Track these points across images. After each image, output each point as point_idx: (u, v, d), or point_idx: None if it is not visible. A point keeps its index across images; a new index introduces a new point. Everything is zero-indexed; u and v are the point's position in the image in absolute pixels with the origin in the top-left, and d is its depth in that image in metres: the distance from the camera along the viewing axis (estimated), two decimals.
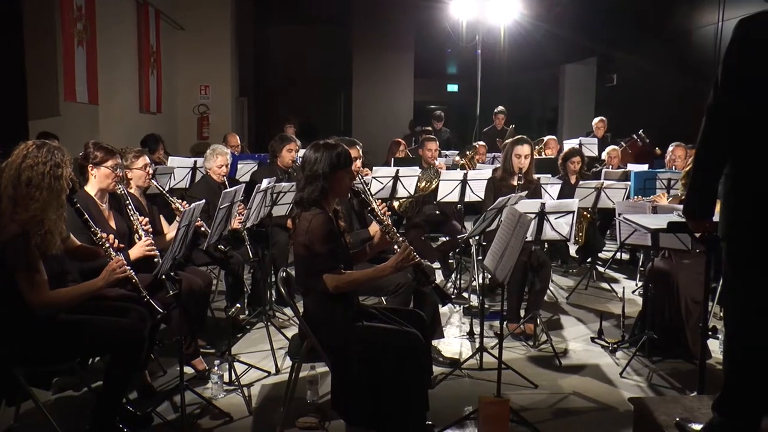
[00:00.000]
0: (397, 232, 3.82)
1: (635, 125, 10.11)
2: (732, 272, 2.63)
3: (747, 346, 2.57)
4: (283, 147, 6.27)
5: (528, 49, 13.90)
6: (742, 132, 2.47)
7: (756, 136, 2.46)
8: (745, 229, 2.51)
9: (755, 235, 2.49)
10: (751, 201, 2.48)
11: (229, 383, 4.25)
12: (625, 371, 4.64)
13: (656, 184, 7.05)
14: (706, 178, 2.61)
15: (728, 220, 2.58)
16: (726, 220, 2.59)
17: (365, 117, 15.54)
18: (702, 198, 2.65)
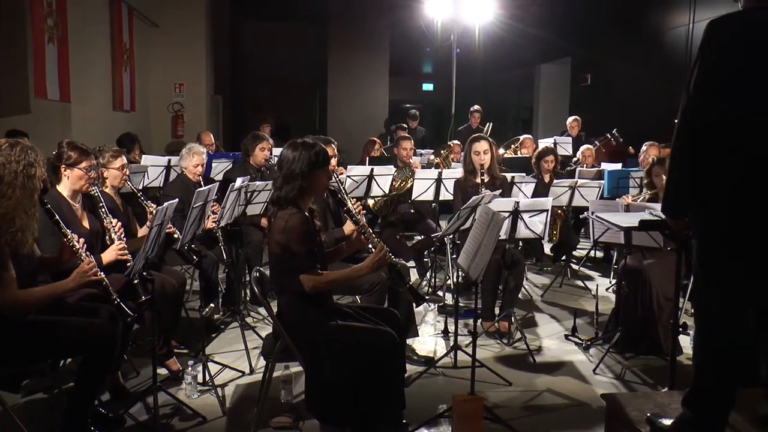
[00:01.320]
0: (372, 231, 3.82)
1: (609, 124, 10.20)
2: (703, 269, 2.66)
3: (715, 342, 2.60)
4: (255, 146, 6.24)
5: (503, 49, 13.97)
6: (720, 133, 2.50)
7: (735, 137, 2.49)
8: (723, 228, 2.54)
9: (730, 234, 2.53)
10: (729, 200, 2.50)
11: (203, 383, 4.22)
12: (598, 368, 4.69)
13: (629, 182, 7.14)
14: (684, 177, 2.63)
15: (704, 218, 2.61)
16: (701, 219, 2.62)
17: (341, 116, 15.51)
18: (681, 197, 2.68)
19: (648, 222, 3.58)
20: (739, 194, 2.49)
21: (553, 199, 5.76)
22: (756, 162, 2.45)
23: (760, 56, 2.44)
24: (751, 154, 2.46)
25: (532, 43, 13.87)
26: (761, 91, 2.45)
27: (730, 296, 2.58)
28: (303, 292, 3.32)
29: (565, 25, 13.26)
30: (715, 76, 2.48)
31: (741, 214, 2.50)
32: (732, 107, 2.47)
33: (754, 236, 2.50)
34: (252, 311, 5.71)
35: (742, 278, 2.61)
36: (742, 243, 2.53)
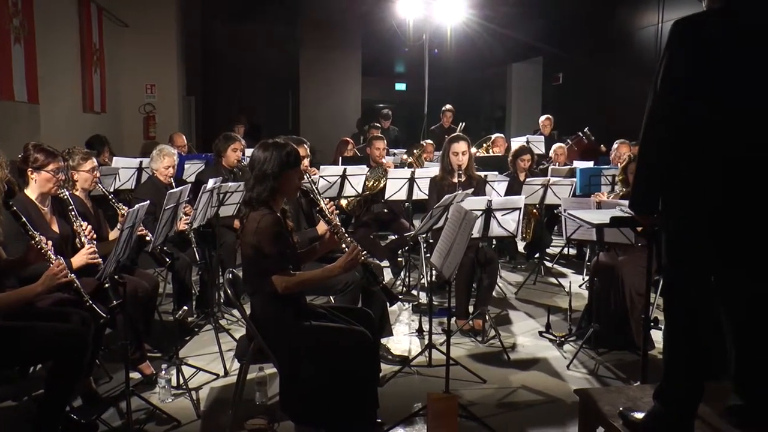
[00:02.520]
0: (346, 231, 3.82)
1: (581, 123, 10.29)
2: (671, 264, 2.70)
3: (684, 336, 2.64)
4: (227, 146, 6.20)
5: (475, 49, 14.02)
6: (686, 131, 2.54)
7: (699, 135, 2.53)
8: (689, 222, 2.58)
9: (696, 229, 2.58)
10: (692, 196, 2.54)
11: (177, 387, 4.19)
12: (572, 364, 4.74)
13: (601, 180, 7.21)
14: (651, 175, 2.67)
15: (671, 213, 2.65)
16: (672, 215, 2.66)
17: (313, 116, 15.47)
18: (649, 193, 2.72)
19: (619, 219, 3.63)
20: (702, 190, 2.53)
21: (526, 198, 5.80)
22: (720, 158, 2.50)
23: (724, 55, 2.48)
24: (716, 151, 2.50)
25: (504, 43, 13.95)
26: (724, 89, 2.49)
27: (698, 290, 2.63)
28: (276, 293, 3.31)
29: (537, 24, 13.36)
30: (680, 75, 2.52)
31: (704, 210, 2.54)
32: (696, 106, 2.51)
33: (721, 230, 2.55)
34: (226, 313, 5.67)
35: (710, 272, 2.66)
36: (708, 236, 2.58)
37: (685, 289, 2.65)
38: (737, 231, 2.59)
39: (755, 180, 2.51)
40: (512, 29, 13.24)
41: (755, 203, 2.55)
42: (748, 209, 2.56)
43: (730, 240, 2.60)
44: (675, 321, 2.71)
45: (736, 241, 2.61)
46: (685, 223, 2.60)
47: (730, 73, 2.48)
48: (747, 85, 2.48)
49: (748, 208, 2.56)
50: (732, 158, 2.50)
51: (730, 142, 2.50)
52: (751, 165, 2.50)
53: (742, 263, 2.66)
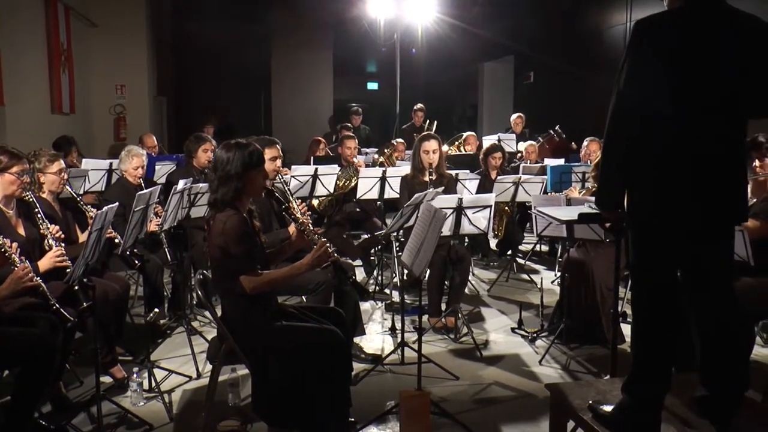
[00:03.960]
0: (318, 230, 3.81)
1: (552, 121, 10.38)
2: (637, 258, 2.75)
3: (650, 328, 2.69)
4: (198, 147, 6.16)
5: (447, 48, 14.08)
6: (646, 129, 2.58)
7: (671, 131, 2.57)
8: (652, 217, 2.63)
9: (659, 223, 2.62)
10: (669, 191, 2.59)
11: (149, 390, 4.16)
12: (543, 359, 4.78)
13: (572, 177, 7.28)
14: (617, 172, 2.71)
15: (635, 209, 2.69)
16: (631, 210, 2.71)
17: (286, 115, 15.41)
18: (613, 190, 2.76)
19: (586, 215, 3.67)
20: (669, 186, 2.57)
21: (497, 195, 5.83)
22: (688, 156, 2.55)
23: (684, 53, 2.54)
24: (682, 147, 2.55)
25: (475, 42, 14.02)
26: (685, 88, 2.54)
27: (664, 284, 2.68)
28: (246, 294, 3.30)
29: (507, 24, 13.44)
30: (642, 72, 2.56)
31: (672, 206, 2.59)
32: (660, 103, 2.55)
33: (687, 225, 2.61)
34: (198, 315, 5.64)
35: (676, 267, 2.71)
36: (675, 232, 2.63)
37: (651, 283, 2.71)
38: (703, 226, 2.65)
39: (717, 175, 2.57)
40: (483, 28, 13.31)
41: (719, 198, 2.61)
42: (713, 205, 2.62)
43: (695, 235, 2.66)
44: (642, 315, 2.76)
45: (700, 237, 2.67)
46: (652, 219, 2.65)
47: (690, 70, 2.53)
48: (706, 82, 2.53)
49: (712, 204, 2.62)
50: (698, 155, 2.55)
51: (694, 138, 2.55)
52: (716, 162, 2.56)
53: (707, 258, 2.72)
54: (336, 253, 3.53)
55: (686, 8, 2.59)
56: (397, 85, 11.63)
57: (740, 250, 3.92)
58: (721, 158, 2.58)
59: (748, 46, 2.55)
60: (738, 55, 2.54)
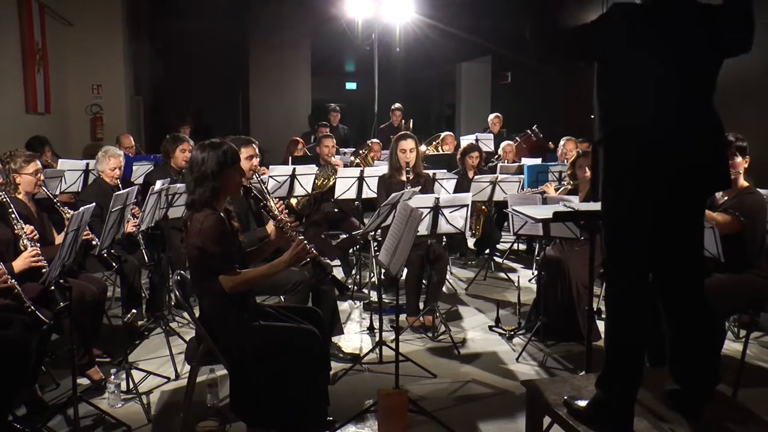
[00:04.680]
0: (295, 224, 3.83)
1: (529, 121, 10.45)
2: (609, 255, 2.79)
3: (622, 325, 2.74)
4: (176, 147, 6.14)
5: (424, 48, 14.11)
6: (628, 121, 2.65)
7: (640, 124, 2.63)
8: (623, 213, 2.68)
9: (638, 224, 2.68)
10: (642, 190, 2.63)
11: (127, 392, 4.14)
12: (521, 356, 4.83)
13: (548, 176, 7.35)
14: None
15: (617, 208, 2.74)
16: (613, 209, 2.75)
17: (263, 115, 15.35)
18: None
19: (561, 213, 3.72)
20: (642, 185, 2.62)
21: (474, 195, 5.87)
22: (641, 147, 2.60)
23: (658, 44, 2.59)
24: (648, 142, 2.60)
25: (453, 42, 14.06)
26: (658, 76, 2.59)
27: (636, 281, 2.73)
28: (224, 294, 3.31)
29: (485, 24, 13.50)
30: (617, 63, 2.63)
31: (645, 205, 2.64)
32: (632, 96, 2.61)
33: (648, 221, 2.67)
34: (177, 316, 5.62)
35: (648, 264, 2.76)
36: (646, 231, 2.68)
37: (624, 281, 2.75)
38: (674, 226, 2.71)
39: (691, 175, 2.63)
40: (460, 29, 13.35)
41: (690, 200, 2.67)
42: (685, 206, 2.68)
43: (666, 235, 2.72)
44: (615, 312, 2.80)
45: (671, 237, 2.73)
46: (625, 218, 2.70)
47: (664, 60, 2.59)
48: (680, 71, 2.59)
49: (684, 205, 2.68)
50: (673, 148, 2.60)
51: (669, 130, 2.60)
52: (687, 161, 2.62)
53: (678, 255, 2.78)
54: (311, 246, 3.55)
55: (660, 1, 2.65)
56: (375, 85, 11.65)
57: (711, 247, 4.00)
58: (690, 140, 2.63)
59: (713, 31, 2.62)
60: (710, 43, 2.61)
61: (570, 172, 5.76)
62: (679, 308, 2.80)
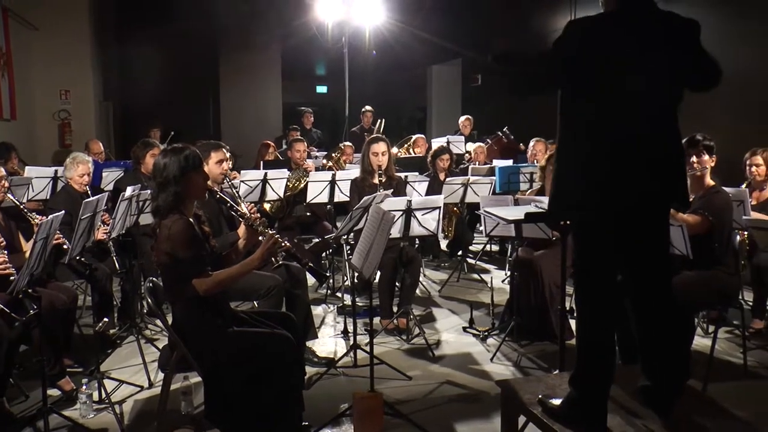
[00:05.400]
0: (264, 220, 3.82)
1: (500, 123, 10.53)
2: (580, 257, 2.83)
3: (593, 323, 2.78)
4: (146, 152, 6.09)
5: (395, 51, 14.15)
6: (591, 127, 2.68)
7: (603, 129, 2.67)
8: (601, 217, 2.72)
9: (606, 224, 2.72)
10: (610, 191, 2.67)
11: (99, 402, 4.08)
12: (495, 357, 4.86)
13: (520, 178, 7.42)
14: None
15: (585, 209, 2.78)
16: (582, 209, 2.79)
17: (235, 120, 15.27)
18: None
19: (533, 214, 3.76)
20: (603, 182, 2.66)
21: (446, 197, 5.89)
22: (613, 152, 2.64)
23: (619, 53, 2.63)
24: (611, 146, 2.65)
25: (423, 45, 14.11)
26: (620, 87, 2.63)
27: (605, 280, 2.77)
28: (197, 300, 3.28)
29: (455, 27, 13.57)
30: (576, 73, 2.65)
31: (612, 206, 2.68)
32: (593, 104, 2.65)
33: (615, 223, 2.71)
34: (149, 323, 5.56)
35: (615, 263, 2.81)
36: (613, 231, 2.72)
37: (593, 280, 2.79)
38: (641, 229, 2.76)
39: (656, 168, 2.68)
40: (431, 32, 13.40)
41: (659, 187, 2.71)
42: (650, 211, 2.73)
43: (633, 236, 2.76)
44: (585, 311, 2.84)
45: (638, 238, 2.78)
46: (593, 218, 2.74)
47: (624, 69, 2.63)
48: (640, 79, 2.63)
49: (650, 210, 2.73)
50: (635, 152, 2.64)
51: (631, 135, 2.64)
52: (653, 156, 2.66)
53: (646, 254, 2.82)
54: (285, 239, 3.55)
55: (620, 10, 2.69)
56: (346, 88, 11.66)
57: (679, 245, 4.06)
58: (654, 151, 2.68)
59: (679, 40, 2.68)
60: (670, 51, 2.66)
61: (540, 175, 5.81)
62: (648, 306, 2.85)
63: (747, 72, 6.84)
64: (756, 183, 5.45)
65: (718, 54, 2.73)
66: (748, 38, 6.82)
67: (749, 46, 6.79)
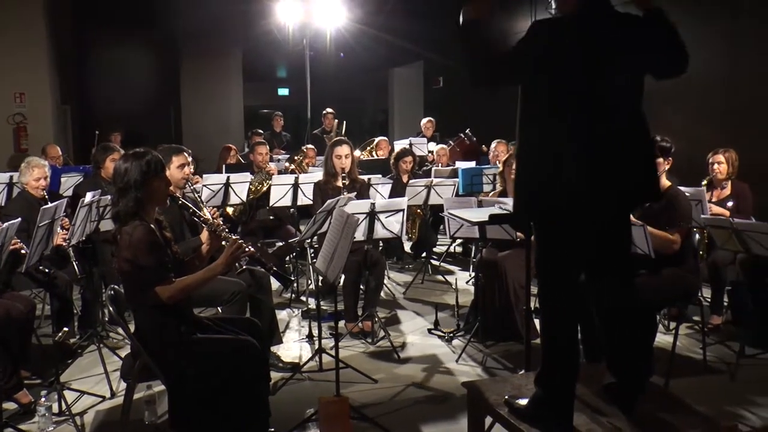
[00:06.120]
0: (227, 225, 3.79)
1: (462, 125, 10.59)
2: (542, 258, 2.86)
3: (556, 322, 2.81)
4: (106, 157, 5.95)
5: (356, 53, 14.16)
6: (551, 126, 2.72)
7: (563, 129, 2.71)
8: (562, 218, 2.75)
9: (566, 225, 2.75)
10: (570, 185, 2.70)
11: (59, 414, 3.98)
12: (460, 358, 4.88)
13: (483, 179, 7.47)
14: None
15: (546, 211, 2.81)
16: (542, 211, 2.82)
17: (196, 123, 15.09)
18: None
19: (497, 216, 3.79)
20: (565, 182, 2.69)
21: (409, 199, 5.90)
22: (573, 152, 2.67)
23: (577, 54, 2.66)
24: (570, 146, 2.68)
25: (385, 48, 14.15)
26: (580, 86, 2.67)
27: (567, 280, 2.80)
28: (160, 308, 3.23)
29: (416, 29, 13.62)
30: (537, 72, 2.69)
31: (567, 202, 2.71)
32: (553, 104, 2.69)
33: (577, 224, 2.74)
34: (111, 332, 5.46)
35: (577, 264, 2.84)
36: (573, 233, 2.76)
37: (556, 280, 2.82)
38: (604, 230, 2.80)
39: (611, 176, 2.71)
40: (392, 34, 13.44)
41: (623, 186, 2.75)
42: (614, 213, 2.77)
43: (596, 237, 2.80)
44: (548, 310, 2.87)
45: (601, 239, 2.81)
46: (556, 218, 2.77)
47: (583, 70, 2.66)
48: (600, 80, 2.67)
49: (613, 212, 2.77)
50: (597, 152, 2.68)
51: (593, 135, 2.68)
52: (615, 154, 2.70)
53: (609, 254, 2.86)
54: (248, 245, 3.52)
55: (579, 13, 2.72)
56: (307, 91, 11.62)
57: (641, 245, 4.13)
58: (615, 150, 2.71)
59: (638, 37, 2.72)
60: (628, 52, 2.70)
61: (500, 172, 5.86)
62: (611, 305, 2.88)
63: (707, 75, 6.98)
64: (716, 181, 5.60)
65: None
66: (707, 41, 6.96)
67: (709, 48, 6.93)
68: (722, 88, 6.94)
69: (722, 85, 6.93)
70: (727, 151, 5.56)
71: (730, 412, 3.91)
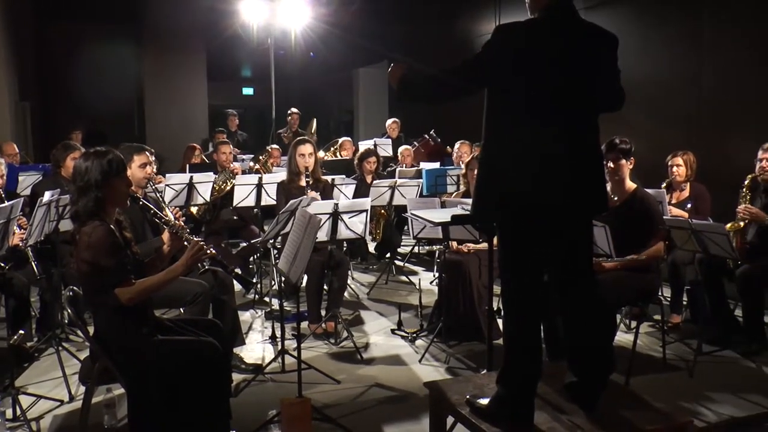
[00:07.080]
0: (187, 227, 3.75)
1: (426, 126, 10.63)
2: (505, 258, 2.89)
3: (517, 321, 2.85)
4: (66, 155, 5.84)
5: (321, 53, 14.13)
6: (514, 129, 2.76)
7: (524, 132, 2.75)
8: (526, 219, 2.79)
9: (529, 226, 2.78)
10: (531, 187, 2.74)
11: (14, 419, 3.90)
12: (424, 358, 4.90)
13: (447, 180, 7.51)
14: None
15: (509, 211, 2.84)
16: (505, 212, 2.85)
17: (160, 122, 14.89)
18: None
19: (459, 216, 3.82)
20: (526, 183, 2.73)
21: (373, 199, 5.91)
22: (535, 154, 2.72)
23: (541, 58, 2.70)
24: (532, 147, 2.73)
25: (350, 48, 14.14)
26: (542, 89, 2.70)
27: (529, 280, 2.84)
28: (120, 309, 3.19)
29: (381, 30, 13.65)
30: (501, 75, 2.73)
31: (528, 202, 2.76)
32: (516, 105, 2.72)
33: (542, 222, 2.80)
34: (71, 334, 5.36)
35: (539, 264, 2.88)
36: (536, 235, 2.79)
37: (518, 280, 2.86)
38: (563, 227, 2.84)
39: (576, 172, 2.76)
40: (357, 34, 13.45)
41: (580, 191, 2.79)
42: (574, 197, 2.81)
43: (556, 235, 2.84)
44: (510, 310, 2.91)
45: (564, 232, 2.85)
46: (517, 218, 2.80)
47: (546, 73, 2.70)
48: (561, 84, 2.71)
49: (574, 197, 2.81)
50: (555, 154, 2.71)
51: (552, 137, 2.71)
52: (573, 159, 2.74)
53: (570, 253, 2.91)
54: (210, 247, 3.50)
55: (544, 18, 2.76)
56: (272, 90, 11.57)
57: (603, 245, 4.19)
58: (577, 155, 2.76)
59: (597, 51, 2.80)
60: (590, 59, 2.76)
61: (465, 180, 5.90)
62: (572, 304, 2.93)
63: (667, 77, 7.11)
64: (676, 183, 5.69)
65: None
66: (668, 44, 7.07)
67: (669, 51, 7.05)
68: (686, 90, 7.07)
69: (686, 87, 7.06)
70: (685, 154, 5.66)
71: (687, 408, 4.00)
